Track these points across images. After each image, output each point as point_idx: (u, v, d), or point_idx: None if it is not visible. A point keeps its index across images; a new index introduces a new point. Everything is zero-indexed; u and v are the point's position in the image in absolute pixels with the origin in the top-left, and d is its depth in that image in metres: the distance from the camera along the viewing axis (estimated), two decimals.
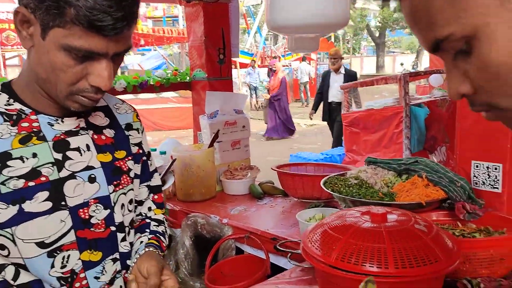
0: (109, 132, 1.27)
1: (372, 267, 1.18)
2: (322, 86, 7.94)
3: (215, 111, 3.05)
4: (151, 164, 1.44)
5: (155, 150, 3.00)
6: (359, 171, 2.20)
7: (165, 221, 1.49)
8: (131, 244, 1.31)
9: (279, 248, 1.89)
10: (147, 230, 1.39)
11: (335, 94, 7.51)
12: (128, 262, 1.27)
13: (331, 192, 1.99)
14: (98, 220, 1.19)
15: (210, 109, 3.04)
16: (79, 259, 1.16)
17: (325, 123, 8.17)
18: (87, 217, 1.17)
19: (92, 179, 1.18)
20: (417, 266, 1.16)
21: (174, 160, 2.72)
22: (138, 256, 1.26)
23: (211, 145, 2.86)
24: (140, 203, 1.43)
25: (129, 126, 1.34)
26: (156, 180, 1.47)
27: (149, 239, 1.35)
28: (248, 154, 3.28)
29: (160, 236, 1.39)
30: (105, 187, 1.21)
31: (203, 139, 3.13)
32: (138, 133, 1.37)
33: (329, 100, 7.68)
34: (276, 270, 2.12)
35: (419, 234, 1.25)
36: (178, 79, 3.60)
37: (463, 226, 1.77)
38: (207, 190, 2.85)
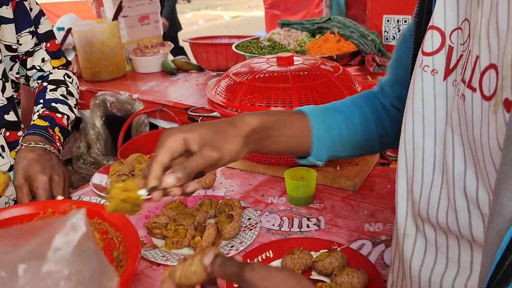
0: None
1: (277, 106, 1.13)
2: None
3: None
4: (31, 8, 1.22)
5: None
6: (272, 33, 2.11)
7: (67, 78, 1.31)
8: (9, 99, 1.14)
9: (191, 114, 1.82)
10: (41, 101, 1.22)
11: None
12: (7, 117, 1.12)
13: (243, 53, 1.90)
14: None
15: None
16: None
17: (250, 13, 7.86)
18: None
19: None
20: (321, 103, 1.13)
21: (69, 30, 2.44)
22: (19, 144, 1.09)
23: (114, 18, 2.60)
24: (29, 54, 1.24)
25: None
26: (44, 26, 1.26)
27: (38, 115, 1.17)
28: (160, 31, 3.05)
29: (56, 105, 1.22)
30: None
31: (106, 13, 2.84)
32: None
33: None
34: None
35: (325, 73, 1.20)
36: None
37: (372, 79, 1.78)
38: (116, 68, 2.65)
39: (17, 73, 1.23)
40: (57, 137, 1.15)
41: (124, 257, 0.80)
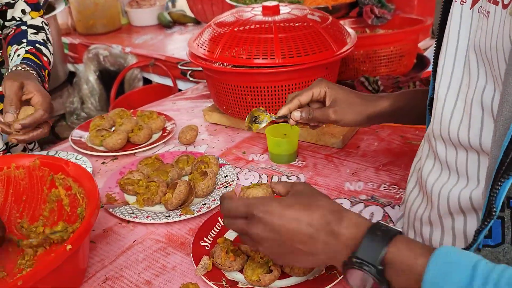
0: None
1: (257, 59, 1.07)
2: None
3: None
4: None
5: None
6: None
7: (45, 25, 1.26)
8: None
9: (181, 68, 1.76)
10: (24, 41, 1.17)
11: None
12: None
13: (236, 4, 1.81)
14: None
15: None
16: None
17: None
18: None
19: None
20: (305, 55, 1.07)
21: None
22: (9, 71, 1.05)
23: None
24: (9, 5, 1.19)
25: None
26: None
27: (26, 51, 1.13)
28: None
29: (40, 47, 1.17)
30: None
31: None
32: None
33: None
34: None
35: (311, 23, 1.13)
36: None
37: (371, 32, 1.69)
38: (110, 21, 2.57)
39: (2, 25, 1.18)
40: (47, 79, 1.12)
41: (86, 211, 0.77)
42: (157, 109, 1.46)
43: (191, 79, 1.58)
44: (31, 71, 1.06)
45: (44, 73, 1.12)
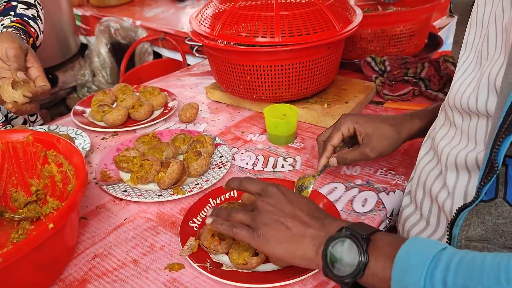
0: None
1: (257, 37, 1.04)
2: None
3: None
4: None
5: None
6: None
7: (38, 4, 1.25)
8: None
9: (188, 43, 1.73)
10: (12, 13, 1.16)
11: None
12: None
13: None
14: None
15: None
16: None
17: None
18: None
19: None
20: (306, 34, 1.04)
21: None
22: None
23: None
24: None
25: None
26: None
27: (11, 21, 1.13)
28: None
29: (29, 20, 1.16)
30: None
31: None
32: None
33: None
34: None
35: (314, 1, 1.09)
36: None
37: (383, 9, 1.63)
38: None
39: None
40: (30, 42, 1.10)
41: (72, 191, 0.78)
42: (162, 85, 1.46)
43: (197, 55, 1.56)
44: (21, 35, 1.04)
45: (28, 40, 1.10)
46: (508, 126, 0.51)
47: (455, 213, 0.61)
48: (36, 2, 1.23)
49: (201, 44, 1.64)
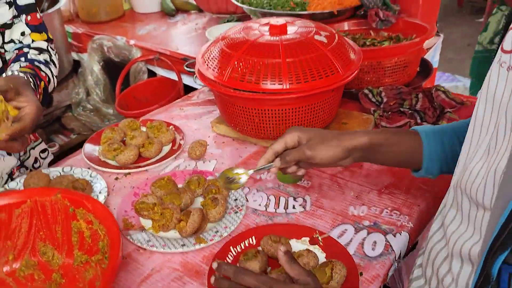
0: None
1: (266, 84, 1.10)
2: None
3: None
4: None
5: None
6: None
7: (51, 49, 1.26)
8: None
9: (188, 68, 1.78)
10: (22, 59, 1.18)
11: None
12: None
13: (241, 5, 1.81)
14: None
15: None
16: None
17: None
18: None
19: None
20: (312, 80, 1.10)
21: None
22: None
23: None
24: (6, 26, 1.20)
25: None
26: None
27: (21, 66, 1.14)
28: None
29: (40, 65, 1.18)
30: None
31: None
32: None
33: None
34: (191, 91, 2.04)
35: (318, 45, 1.15)
36: None
37: (375, 35, 1.70)
38: (113, 8, 2.56)
39: (1, 46, 1.19)
40: (40, 90, 1.10)
41: (108, 248, 0.83)
42: (165, 116, 1.50)
43: (197, 83, 1.61)
44: (27, 78, 1.04)
45: (38, 83, 1.10)
46: (503, 242, 0.52)
47: None
48: (48, 47, 1.25)
49: None
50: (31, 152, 1.35)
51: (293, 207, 1.06)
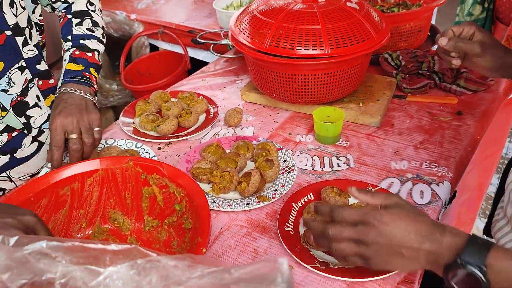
0: None
1: (308, 49, 1.15)
2: None
3: None
4: None
5: None
6: None
7: (88, 5, 1.25)
8: (37, 46, 1.12)
9: (200, 40, 1.79)
10: (69, 37, 1.19)
11: None
12: (39, 67, 1.11)
13: None
14: None
15: None
16: None
17: None
18: None
19: None
20: (350, 45, 1.15)
21: None
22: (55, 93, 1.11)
23: None
24: None
25: None
26: None
27: (70, 57, 1.16)
28: None
29: (84, 41, 1.19)
30: None
31: None
32: None
33: None
34: (196, 64, 2.06)
35: (352, 12, 1.20)
36: None
37: (382, 2, 1.76)
38: None
39: (40, 15, 1.19)
40: (93, 78, 1.16)
41: (187, 210, 0.88)
42: (190, 87, 1.53)
43: (214, 53, 1.64)
44: (78, 92, 1.11)
45: (89, 73, 1.16)
46: None
47: None
48: (87, 4, 1.24)
49: (216, 42, 1.71)
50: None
51: (338, 165, 1.13)
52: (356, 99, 1.32)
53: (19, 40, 1.07)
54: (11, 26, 1.04)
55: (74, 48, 1.17)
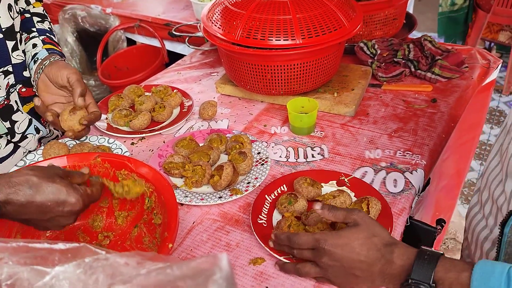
0: None
1: (279, 40, 1.13)
2: None
3: None
4: None
5: None
6: None
7: (46, 14, 1.25)
8: (25, 53, 1.10)
9: (175, 33, 1.77)
10: (34, 29, 1.16)
11: None
12: (26, 73, 1.09)
13: None
14: None
15: None
16: None
17: None
18: None
19: None
20: (322, 34, 1.14)
21: None
22: (42, 65, 1.06)
23: None
24: None
25: None
26: None
27: (43, 41, 1.14)
28: None
29: (51, 35, 1.18)
30: None
31: None
32: None
33: None
34: (175, 57, 2.04)
35: (324, 1, 1.19)
36: None
37: None
38: None
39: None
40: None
41: (156, 205, 0.87)
42: (165, 81, 1.51)
43: (190, 46, 1.61)
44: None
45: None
46: None
47: (506, 214, 0.74)
48: (44, 11, 1.23)
49: (191, 35, 1.69)
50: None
51: (312, 156, 1.13)
52: (331, 89, 1.31)
53: (10, 44, 1.05)
54: (3, 30, 1.02)
55: (44, 37, 1.14)
